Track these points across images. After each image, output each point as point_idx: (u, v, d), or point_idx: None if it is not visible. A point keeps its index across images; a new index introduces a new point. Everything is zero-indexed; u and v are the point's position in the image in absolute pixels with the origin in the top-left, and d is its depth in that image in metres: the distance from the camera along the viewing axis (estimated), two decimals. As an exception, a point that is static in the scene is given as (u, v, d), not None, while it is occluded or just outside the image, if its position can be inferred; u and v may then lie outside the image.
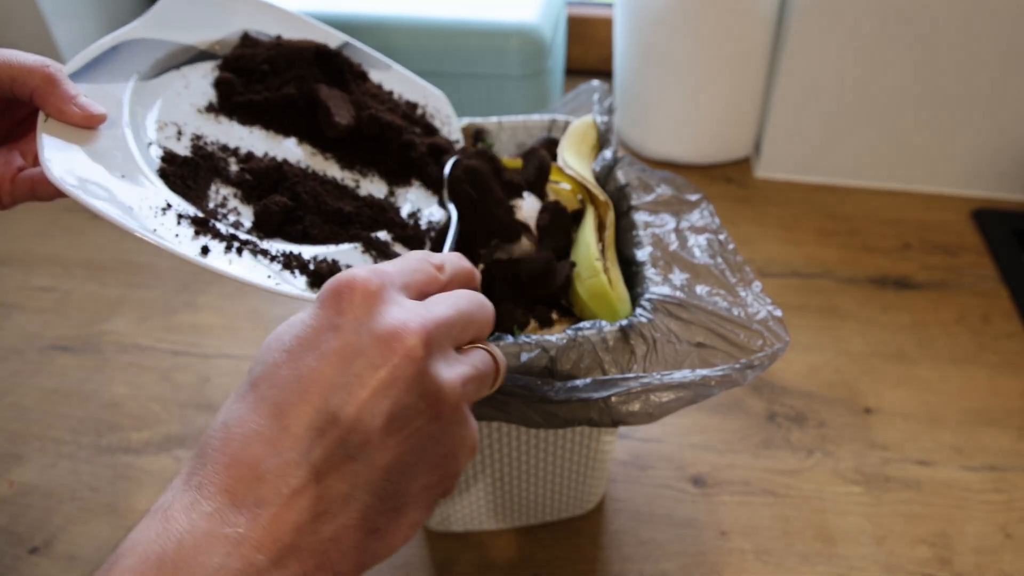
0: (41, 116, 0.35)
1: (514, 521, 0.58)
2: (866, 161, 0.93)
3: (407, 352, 0.26)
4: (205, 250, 0.35)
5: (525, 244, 0.48)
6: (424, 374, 0.26)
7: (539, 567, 0.57)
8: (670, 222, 0.48)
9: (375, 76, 0.51)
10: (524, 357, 0.39)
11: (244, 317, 0.78)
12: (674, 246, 0.46)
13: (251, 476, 0.25)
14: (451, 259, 0.33)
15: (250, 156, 0.42)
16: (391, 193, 0.47)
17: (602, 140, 0.55)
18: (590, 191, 0.50)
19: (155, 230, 0.34)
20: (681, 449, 0.65)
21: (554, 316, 0.47)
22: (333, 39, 0.50)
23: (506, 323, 0.45)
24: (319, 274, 0.38)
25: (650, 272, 0.44)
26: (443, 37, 0.87)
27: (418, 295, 0.30)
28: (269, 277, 0.36)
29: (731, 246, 0.47)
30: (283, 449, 0.25)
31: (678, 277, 0.44)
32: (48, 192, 0.36)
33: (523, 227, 0.48)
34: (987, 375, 0.70)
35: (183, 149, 0.40)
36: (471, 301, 0.31)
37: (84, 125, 0.35)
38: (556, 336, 0.39)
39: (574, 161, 0.52)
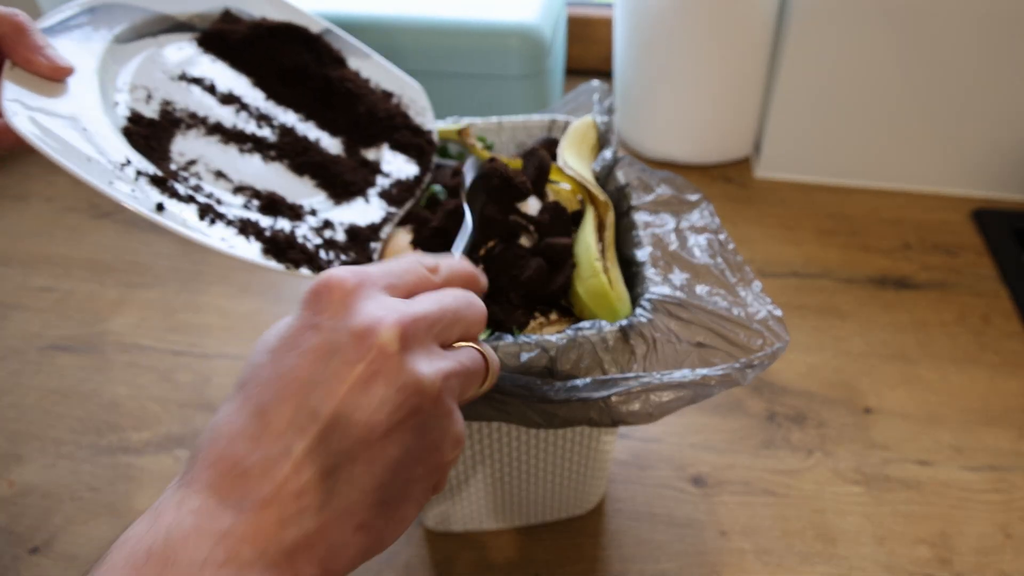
0: (7, 64, 0.35)
1: (514, 521, 0.58)
2: (866, 161, 0.93)
3: (382, 346, 0.26)
4: (160, 207, 0.35)
5: (525, 243, 0.48)
6: (401, 368, 0.27)
7: (539, 567, 0.57)
8: (670, 222, 0.48)
9: (353, 64, 0.52)
10: (524, 357, 0.39)
11: (244, 317, 0.78)
12: (674, 246, 0.46)
13: (235, 472, 0.25)
14: (448, 262, 0.33)
15: (218, 126, 0.43)
16: (355, 153, 0.49)
17: (602, 140, 0.55)
18: (590, 191, 0.50)
19: (111, 183, 0.34)
20: (681, 449, 0.65)
21: (554, 316, 0.47)
22: (315, 25, 0.51)
23: (506, 323, 0.45)
24: (275, 241, 0.38)
25: (650, 272, 0.44)
26: (443, 37, 0.87)
27: (405, 295, 0.30)
28: (223, 240, 0.37)
29: (731, 246, 0.47)
30: (265, 446, 0.26)
31: (678, 277, 0.44)
32: (9, 142, 0.36)
33: (523, 226, 0.48)
34: (987, 375, 0.70)
35: (151, 112, 0.41)
36: (458, 299, 0.31)
37: (50, 76, 0.35)
38: (556, 336, 0.39)
39: (574, 161, 0.52)
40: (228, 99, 0.45)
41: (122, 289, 0.82)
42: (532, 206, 0.50)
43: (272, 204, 0.42)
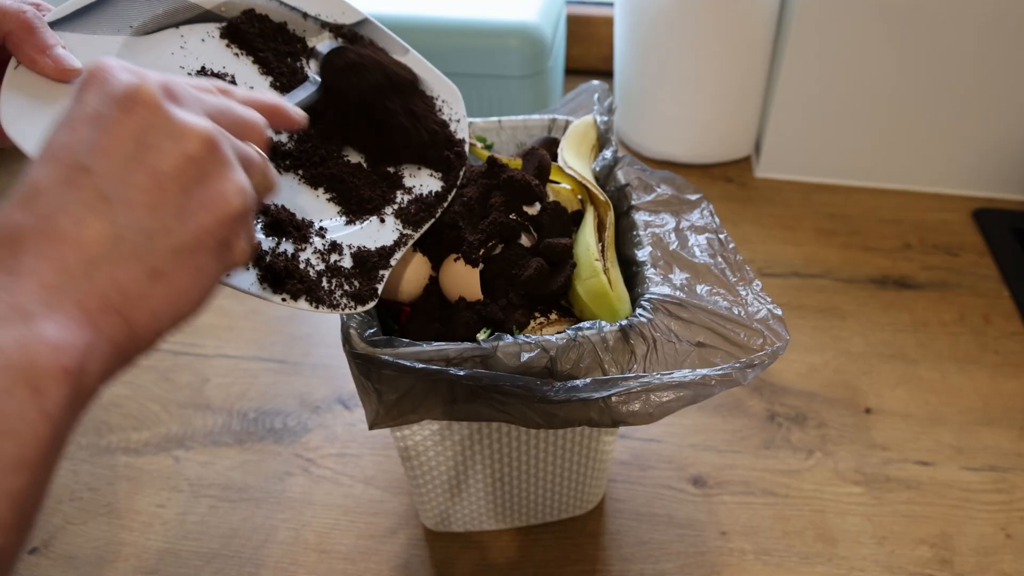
0: (13, 62, 0.34)
1: (514, 521, 0.58)
2: (866, 161, 0.93)
3: (146, 99, 0.27)
4: None
5: (525, 243, 0.48)
6: (170, 117, 0.27)
7: (539, 567, 0.57)
8: (670, 222, 0.48)
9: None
10: (524, 357, 0.39)
11: (244, 317, 0.78)
12: (674, 246, 0.46)
13: (9, 240, 0.25)
14: (244, 90, 0.33)
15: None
16: (377, 162, 0.47)
17: (602, 140, 0.55)
18: (590, 191, 0.50)
19: None
20: (681, 449, 0.64)
21: (554, 316, 0.47)
22: (351, 14, 0.48)
23: (506, 323, 0.44)
24: (273, 270, 0.37)
25: (650, 272, 0.44)
26: (443, 37, 0.87)
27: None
28: None
29: (731, 245, 0.47)
30: (37, 207, 0.26)
31: (678, 277, 0.44)
32: (8, 140, 0.37)
33: (522, 226, 0.48)
34: (988, 375, 0.70)
35: None
36: (235, 103, 0.31)
37: (56, 78, 0.35)
38: (556, 336, 0.39)
39: (574, 161, 0.52)
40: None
41: (122, 289, 0.82)
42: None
43: (277, 224, 0.40)
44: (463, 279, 0.45)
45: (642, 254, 0.46)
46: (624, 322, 0.40)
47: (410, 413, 0.40)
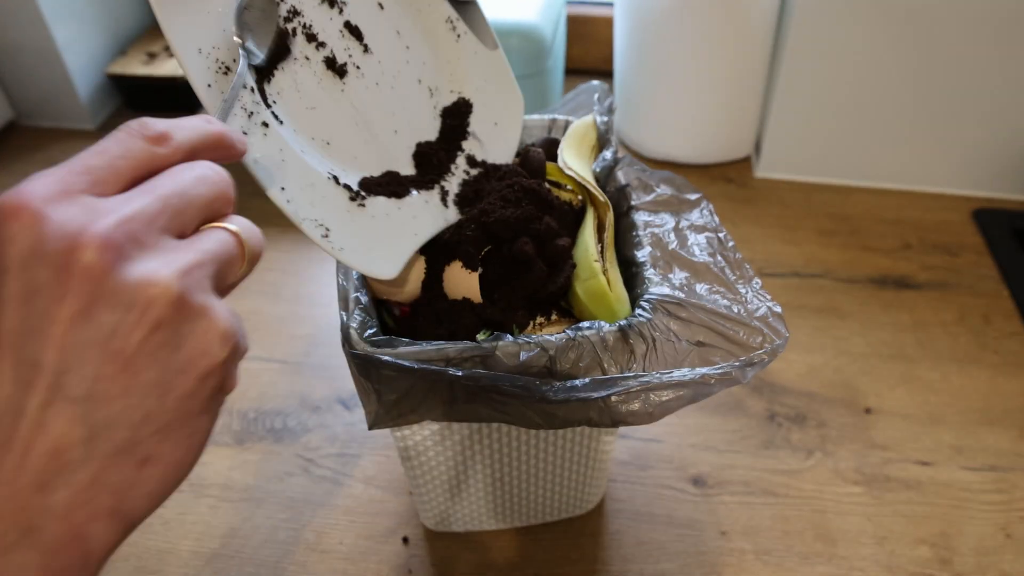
0: None
1: (514, 521, 0.58)
2: (866, 161, 0.93)
3: (87, 269, 0.22)
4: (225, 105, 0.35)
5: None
6: (121, 285, 0.23)
7: (539, 567, 0.57)
8: (670, 221, 0.48)
9: (482, 52, 0.54)
10: (523, 357, 0.39)
11: (244, 317, 0.78)
12: (674, 245, 0.46)
13: None
14: (183, 126, 0.27)
15: (334, 62, 0.43)
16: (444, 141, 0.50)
17: (602, 140, 0.55)
18: (590, 192, 0.50)
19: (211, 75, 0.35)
20: (681, 449, 0.65)
21: (554, 317, 0.47)
22: None
23: (506, 323, 0.44)
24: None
25: (650, 273, 0.44)
26: (443, 37, 0.87)
27: (124, 188, 0.25)
28: (255, 161, 0.36)
29: (730, 243, 0.47)
30: None
31: (678, 276, 0.44)
32: None
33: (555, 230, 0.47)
34: (988, 375, 0.70)
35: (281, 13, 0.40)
36: (181, 180, 0.25)
37: None
38: (556, 336, 0.39)
39: (574, 161, 0.52)
40: (352, 30, 0.44)
41: (122, 289, 0.82)
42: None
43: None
44: (464, 283, 0.45)
45: (642, 254, 0.46)
46: (623, 322, 0.40)
47: (410, 413, 0.40)
